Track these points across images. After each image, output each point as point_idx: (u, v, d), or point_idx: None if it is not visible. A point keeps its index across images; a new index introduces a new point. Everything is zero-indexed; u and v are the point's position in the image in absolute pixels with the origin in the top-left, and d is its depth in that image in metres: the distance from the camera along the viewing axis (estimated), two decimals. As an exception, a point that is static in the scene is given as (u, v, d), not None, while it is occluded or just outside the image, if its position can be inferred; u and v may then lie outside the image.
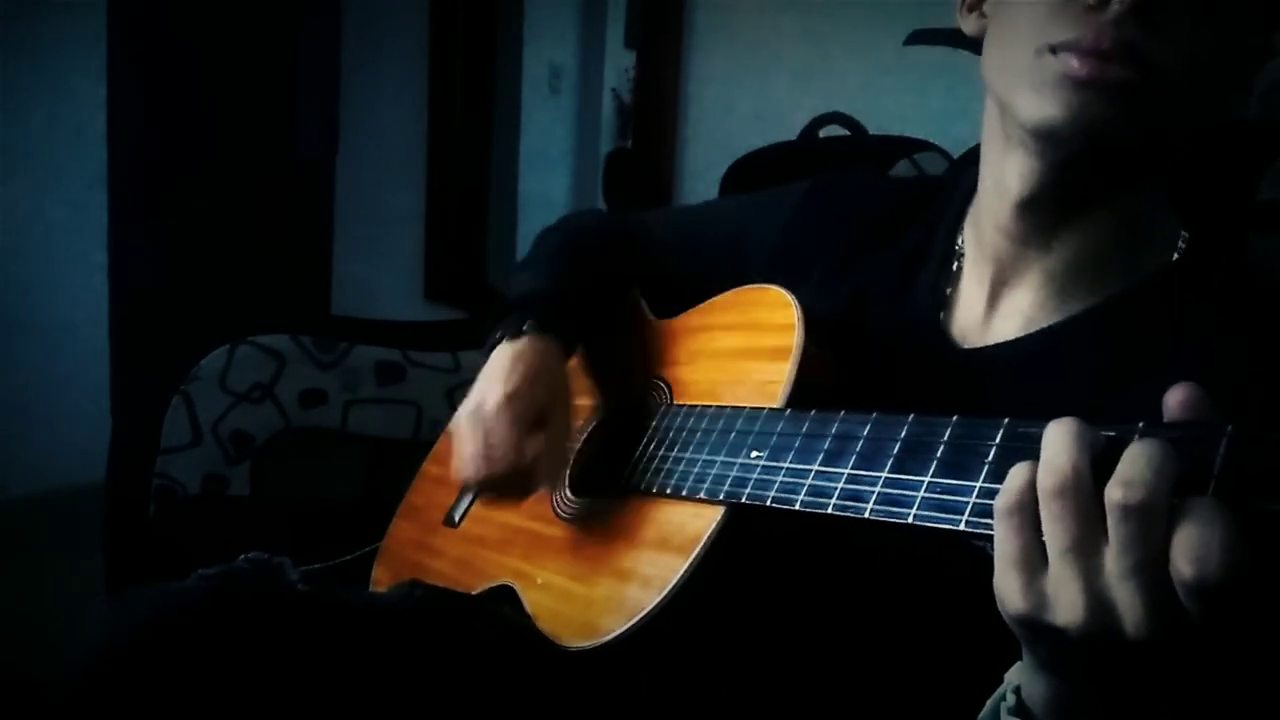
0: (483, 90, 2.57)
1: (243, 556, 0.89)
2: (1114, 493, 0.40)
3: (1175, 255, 0.65)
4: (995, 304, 0.69)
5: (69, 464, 2.18)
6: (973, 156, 0.75)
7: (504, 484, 0.80)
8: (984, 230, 0.70)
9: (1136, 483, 0.40)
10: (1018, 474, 0.44)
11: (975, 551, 0.49)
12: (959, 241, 0.74)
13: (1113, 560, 0.41)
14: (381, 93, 2.68)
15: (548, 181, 2.75)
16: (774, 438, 0.66)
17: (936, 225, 0.77)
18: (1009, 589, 0.44)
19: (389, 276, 2.73)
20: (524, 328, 0.85)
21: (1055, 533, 0.42)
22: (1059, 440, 0.43)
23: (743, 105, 1.93)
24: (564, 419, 0.83)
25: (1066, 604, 0.42)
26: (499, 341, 0.85)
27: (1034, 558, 0.43)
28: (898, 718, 0.65)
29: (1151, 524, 0.40)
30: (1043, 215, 0.65)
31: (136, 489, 1.25)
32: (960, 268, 0.73)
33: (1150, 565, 0.40)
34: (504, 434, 0.79)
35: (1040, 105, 0.58)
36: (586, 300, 0.91)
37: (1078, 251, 0.65)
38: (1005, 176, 0.65)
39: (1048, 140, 0.60)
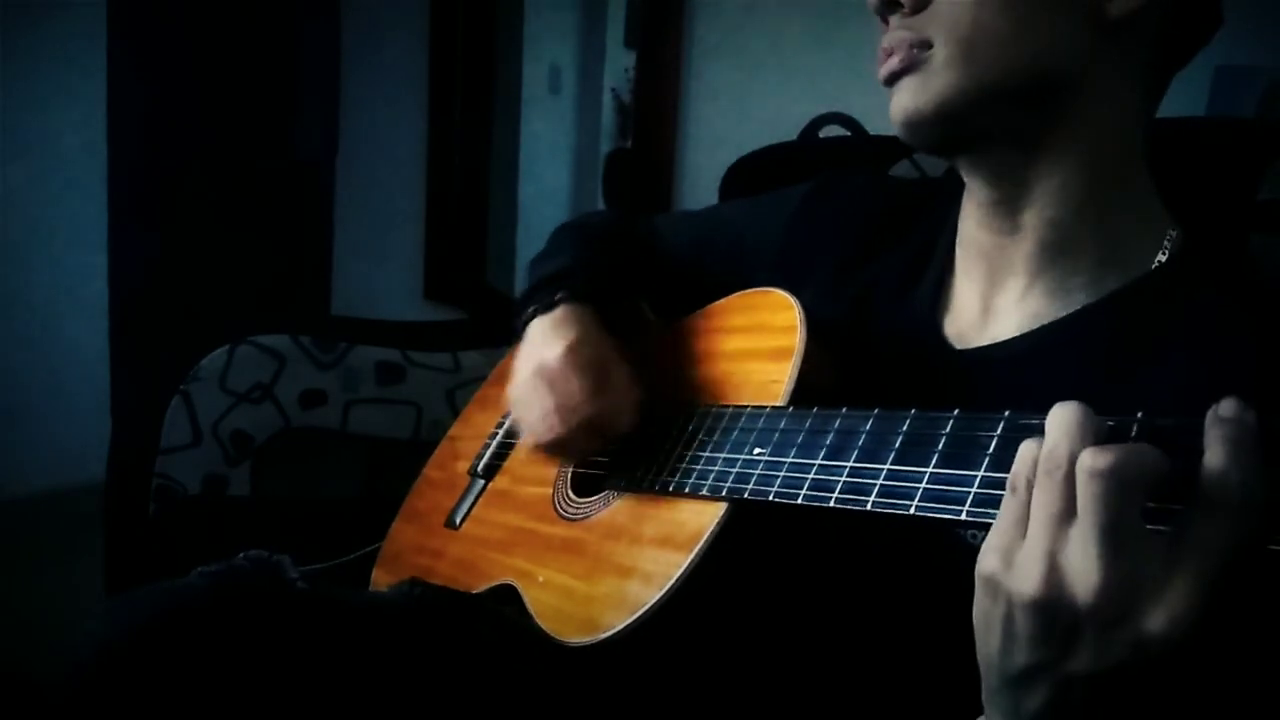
0: (483, 90, 2.57)
1: (242, 555, 0.89)
2: (1084, 459, 0.43)
3: (1164, 254, 0.65)
4: (990, 303, 0.70)
5: (69, 464, 2.18)
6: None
7: (579, 438, 0.79)
8: (967, 230, 0.71)
9: (1107, 451, 0.42)
10: (1026, 449, 0.46)
11: (974, 548, 0.49)
12: (955, 245, 0.75)
13: (1077, 530, 0.43)
14: (381, 93, 2.68)
15: (548, 182, 2.75)
16: (777, 434, 0.66)
17: (938, 227, 0.77)
18: (988, 545, 0.47)
19: (389, 276, 2.73)
20: (557, 298, 0.86)
21: (1037, 504, 0.44)
22: (1060, 424, 0.44)
23: (743, 105, 1.93)
24: (624, 370, 0.82)
25: (1026, 566, 0.44)
26: (533, 317, 0.86)
27: (1022, 527, 0.45)
28: (899, 716, 0.65)
29: (1116, 491, 0.42)
30: (996, 196, 0.67)
31: (136, 489, 1.25)
32: (955, 269, 0.74)
33: (1110, 531, 0.42)
34: (574, 386, 0.78)
35: (891, 113, 0.66)
36: (610, 281, 0.92)
37: (1045, 230, 0.66)
38: (961, 169, 0.69)
39: (912, 139, 0.66)
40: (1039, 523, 0.44)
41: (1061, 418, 0.45)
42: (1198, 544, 0.41)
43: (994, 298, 0.69)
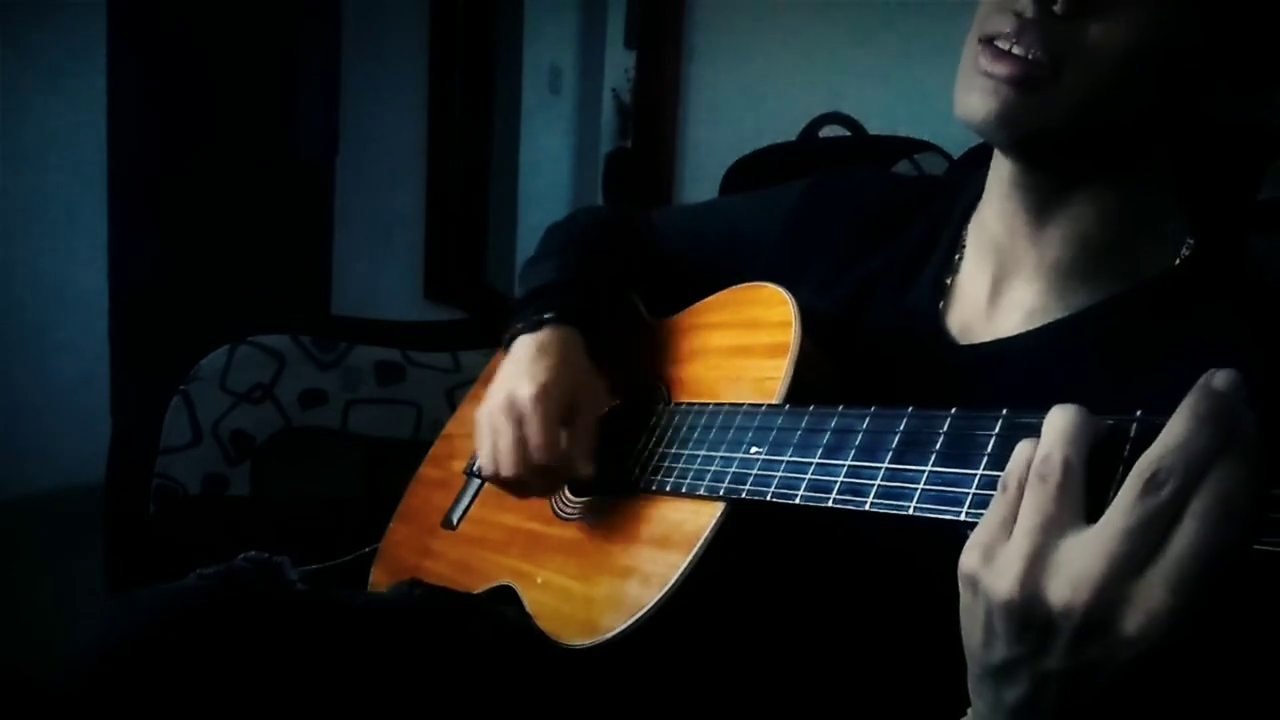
0: (483, 90, 2.58)
1: (242, 556, 0.89)
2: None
3: (1178, 259, 0.65)
4: (997, 299, 0.69)
5: (69, 464, 2.18)
6: (973, 157, 0.75)
7: (535, 479, 0.79)
8: (986, 222, 0.71)
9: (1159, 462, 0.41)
10: (1021, 450, 0.46)
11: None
12: (963, 238, 0.74)
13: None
14: (381, 93, 2.68)
15: (548, 182, 2.75)
16: (773, 433, 0.66)
17: (940, 223, 0.77)
18: (971, 541, 0.46)
19: (389, 276, 2.74)
20: (545, 318, 0.85)
21: (1026, 507, 0.44)
22: (1056, 427, 0.44)
23: (743, 105, 1.93)
24: (592, 409, 0.82)
25: (1004, 566, 0.44)
26: (518, 334, 0.85)
27: (1008, 527, 0.45)
28: (898, 714, 0.65)
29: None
30: (1031, 203, 0.66)
31: (136, 489, 1.25)
32: (963, 263, 0.74)
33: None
34: (539, 427, 0.77)
35: (964, 100, 0.61)
36: (600, 291, 0.91)
37: (1071, 243, 0.65)
38: (999, 164, 0.68)
39: (980, 132, 0.62)
40: (1025, 525, 0.44)
41: (1057, 421, 0.45)
42: (1176, 546, 0.41)
43: (1002, 292, 0.69)
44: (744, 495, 0.65)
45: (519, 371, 0.81)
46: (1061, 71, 0.58)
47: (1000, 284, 0.69)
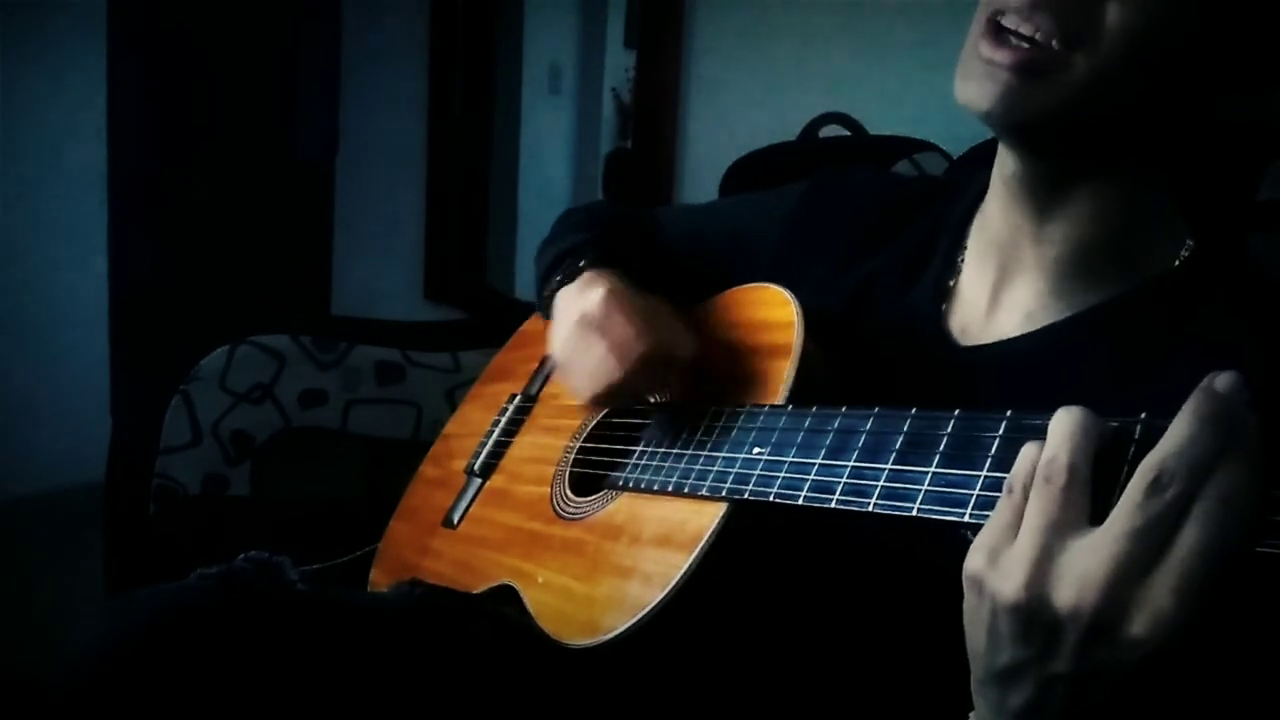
0: (483, 90, 2.57)
1: (242, 556, 0.89)
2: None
3: (1178, 260, 0.65)
4: (998, 300, 0.69)
5: (69, 464, 2.18)
6: (974, 157, 0.75)
7: (639, 377, 0.76)
8: (989, 220, 0.71)
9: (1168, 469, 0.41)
10: (1026, 453, 0.46)
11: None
12: (965, 238, 0.74)
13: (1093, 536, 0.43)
14: (381, 93, 2.68)
15: (548, 181, 2.75)
16: (776, 433, 0.66)
17: (940, 223, 0.77)
18: (977, 543, 0.47)
19: (389, 276, 2.73)
20: (581, 265, 0.84)
21: (1031, 510, 0.45)
22: (1062, 430, 0.44)
23: (743, 105, 1.93)
24: (668, 306, 0.79)
25: (1010, 569, 0.45)
26: (557, 289, 0.85)
27: (1013, 530, 0.46)
28: (901, 714, 0.65)
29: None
30: (1033, 198, 0.66)
31: (136, 489, 1.25)
32: (964, 264, 0.74)
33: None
34: (624, 323, 0.76)
35: (963, 86, 0.61)
36: (624, 254, 0.90)
37: (1072, 242, 0.65)
38: (1003, 157, 0.67)
39: (984, 120, 0.61)
40: (1030, 528, 0.44)
41: (1063, 423, 0.45)
42: (1180, 548, 0.41)
43: (1003, 293, 0.69)
44: (746, 496, 0.65)
45: (578, 300, 0.80)
46: (1073, 54, 0.57)
47: (1001, 285, 0.69)
